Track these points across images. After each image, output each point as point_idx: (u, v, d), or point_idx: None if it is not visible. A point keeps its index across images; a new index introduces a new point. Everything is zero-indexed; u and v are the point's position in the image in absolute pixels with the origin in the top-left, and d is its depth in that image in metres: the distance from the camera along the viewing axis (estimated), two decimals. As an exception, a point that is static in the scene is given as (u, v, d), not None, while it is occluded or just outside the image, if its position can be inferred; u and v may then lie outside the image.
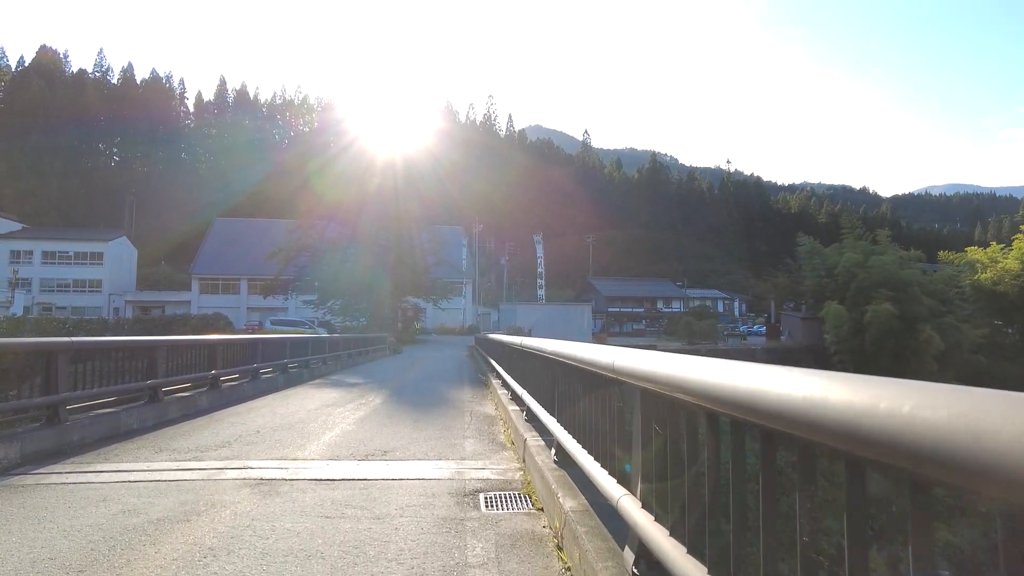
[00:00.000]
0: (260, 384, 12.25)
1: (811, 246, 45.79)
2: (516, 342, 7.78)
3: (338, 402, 10.34)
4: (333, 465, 5.51)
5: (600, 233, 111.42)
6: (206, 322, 40.66)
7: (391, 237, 49.59)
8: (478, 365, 20.59)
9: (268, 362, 13.37)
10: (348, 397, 11.08)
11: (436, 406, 9.86)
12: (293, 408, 9.56)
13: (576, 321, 45.83)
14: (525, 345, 6.57)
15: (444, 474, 5.20)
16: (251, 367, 12.12)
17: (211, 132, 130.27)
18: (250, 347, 12.39)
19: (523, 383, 7.17)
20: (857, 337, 39.90)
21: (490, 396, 11.17)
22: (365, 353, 25.62)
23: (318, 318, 50.57)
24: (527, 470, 5.13)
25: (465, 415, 8.79)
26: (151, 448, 6.26)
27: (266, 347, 13.38)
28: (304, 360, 16.22)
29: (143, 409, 7.85)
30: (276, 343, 14.25)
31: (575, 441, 3.86)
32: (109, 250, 76.82)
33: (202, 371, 10.02)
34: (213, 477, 5.00)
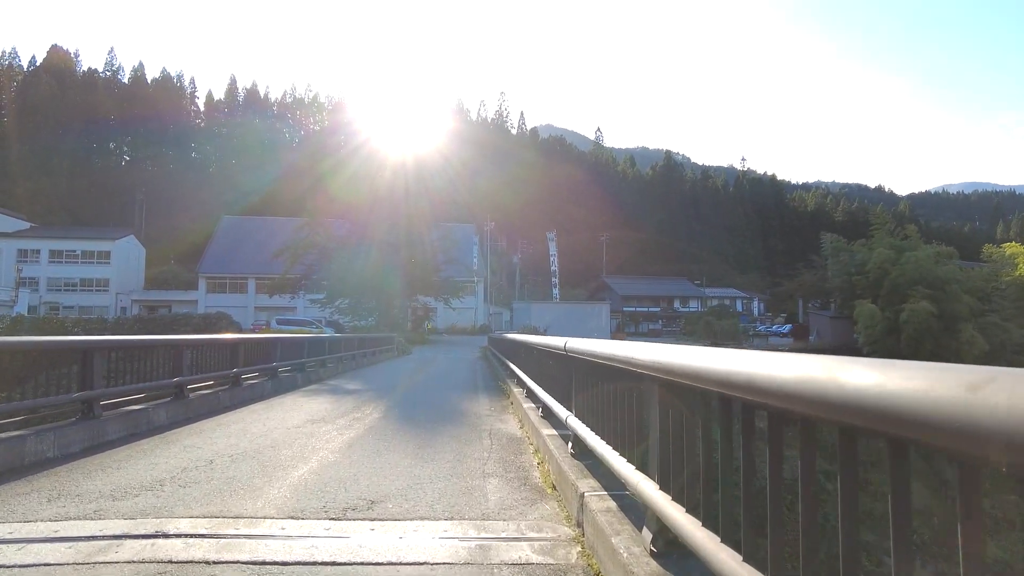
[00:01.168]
0: (241, 393, 10.46)
1: (836, 243, 43.67)
2: (553, 344, 5.94)
3: (327, 416, 8.52)
4: (293, 528, 3.68)
5: (613, 232, 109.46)
6: (208, 322, 39.20)
7: (401, 235, 48.26)
8: (493, 368, 18.75)
9: (253, 366, 11.59)
10: (341, 409, 9.25)
11: (446, 423, 8.00)
12: (271, 424, 7.76)
13: (593, 320, 43.79)
14: (571, 349, 4.72)
15: (458, 551, 3.34)
16: (229, 373, 10.34)
17: (221, 131, 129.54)
18: (230, 350, 10.60)
19: (563, 399, 5.34)
20: (891, 337, 37.72)
21: (511, 408, 9.33)
22: (371, 354, 23.85)
23: (325, 317, 49.04)
24: (588, 548, 3.28)
25: (483, 437, 6.93)
26: (48, 492, 4.47)
27: (251, 349, 11.60)
28: (299, 363, 14.45)
29: (71, 430, 6.05)
30: (263, 345, 12.46)
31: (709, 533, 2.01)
32: (116, 249, 75.85)
33: (163, 378, 8.24)
34: (94, 557, 3.17)
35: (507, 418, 8.46)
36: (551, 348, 5.97)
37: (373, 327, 44.78)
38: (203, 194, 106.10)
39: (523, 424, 7.50)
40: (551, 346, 6.01)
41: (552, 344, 5.98)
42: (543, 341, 7.03)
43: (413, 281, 48.69)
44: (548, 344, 6.33)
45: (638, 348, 2.87)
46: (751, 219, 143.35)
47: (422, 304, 52.99)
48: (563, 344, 5.06)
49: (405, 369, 20.12)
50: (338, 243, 49.11)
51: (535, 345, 7.85)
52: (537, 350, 7.40)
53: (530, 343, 8.50)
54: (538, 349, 7.34)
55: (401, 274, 47.05)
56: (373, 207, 47.97)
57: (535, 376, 8.12)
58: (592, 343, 4.04)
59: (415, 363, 23.63)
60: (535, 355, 8.05)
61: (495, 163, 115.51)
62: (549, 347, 6.17)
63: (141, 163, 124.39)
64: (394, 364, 23.13)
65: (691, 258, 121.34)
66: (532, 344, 8.26)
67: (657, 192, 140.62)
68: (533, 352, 8.33)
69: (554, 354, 5.92)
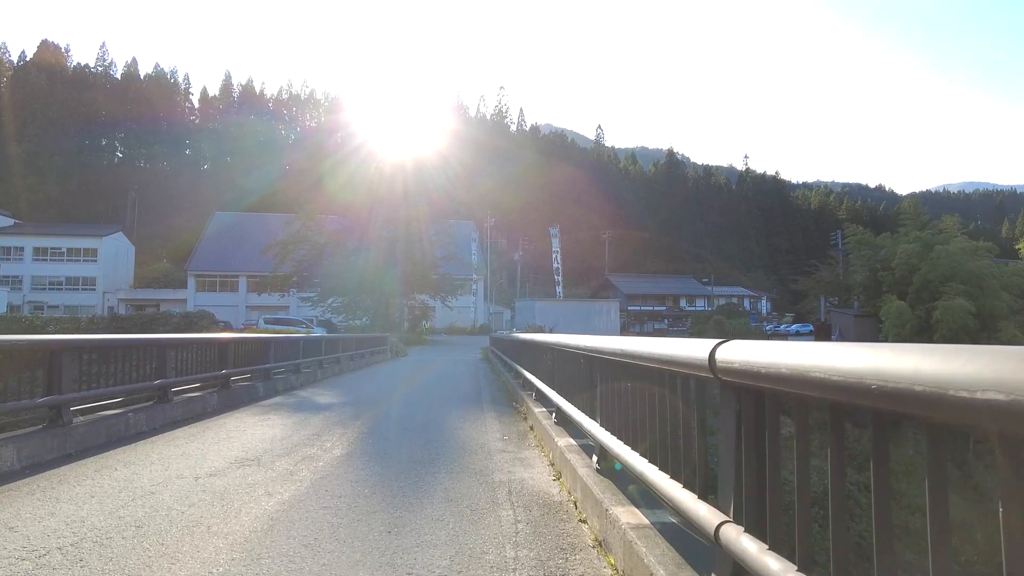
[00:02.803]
0: (168, 412, 7.82)
1: (861, 236, 40.98)
2: (618, 348, 3.33)
3: (268, 453, 5.88)
4: None
5: (615, 230, 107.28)
6: (189, 321, 36.49)
7: (399, 230, 45.95)
8: (498, 374, 16.14)
9: (193, 376, 8.96)
10: (294, 440, 6.60)
11: (440, 467, 5.35)
12: (177, 468, 5.14)
13: (600, 319, 41.08)
14: (661, 354, 2.13)
15: None
16: (151, 385, 7.72)
17: (216, 129, 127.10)
18: (155, 355, 7.98)
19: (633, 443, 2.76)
20: (923, 337, 34.99)
21: (533, 437, 6.71)
22: (360, 357, 21.23)
23: (317, 317, 46.49)
24: None
25: (499, 501, 4.22)
26: None
27: (191, 354, 8.95)
28: (262, 370, 11.83)
29: None
30: (211, 347, 9.80)
31: None
32: (104, 246, 73.40)
33: (36, 396, 5.65)
34: None
35: (530, 456, 5.81)
36: (624, 355, 3.35)
37: (367, 327, 42.37)
38: (197, 192, 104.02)
39: (560, 473, 4.88)
40: (619, 351, 3.40)
41: (619, 348, 3.39)
42: (596, 344, 4.46)
43: (410, 279, 46.43)
44: (608, 348, 3.72)
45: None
46: (755, 217, 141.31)
47: (420, 303, 50.46)
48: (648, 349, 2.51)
49: (397, 375, 17.51)
50: (331, 239, 46.80)
51: (572, 349, 5.24)
52: (586, 357, 4.76)
53: (560, 345, 5.88)
54: (587, 355, 4.72)
55: (398, 271, 44.73)
56: (370, 204, 46.31)
57: (566, 391, 5.54)
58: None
59: (409, 367, 21.00)
60: (568, 362, 5.48)
61: (494, 161, 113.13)
62: (616, 353, 3.56)
63: (134, 160, 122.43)
64: (385, 369, 20.49)
65: (694, 257, 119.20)
66: (564, 347, 5.65)
67: (659, 190, 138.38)
68: (564, 357, 5.76)
69: (622, 364, 3.34)
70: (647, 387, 2.97)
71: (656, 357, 2.69)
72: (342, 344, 18.75)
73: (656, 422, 2.84)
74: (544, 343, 7.22)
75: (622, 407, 3.50)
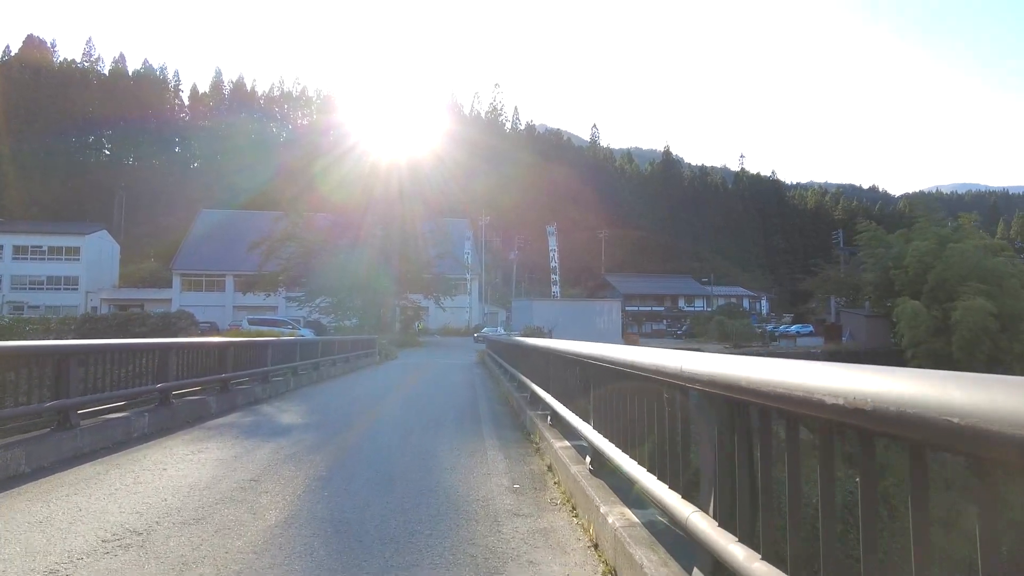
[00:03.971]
0: (73, 440, 5.89)
1: (873, 232, 39.31)
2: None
3: (168, 519, 3.95)
4: None
5: (611, 230, 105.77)
6: (167, 322, 34.46)
7: (392, 227, 44.17)
8: (497, 382, 14.28)
9: (110, 392, 7.04)
10: (217, 491, 4.66)
11: (422, 549, 3.46)
12: (7, 556, 3.27)
13: (602, 319, 39.13)
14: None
15: None
16: (40, 409, 5.81)
17: (207, 126, 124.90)
18: (54, 365, 6.07)
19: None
20: (939, 338, 33.42)
21: (555, 485, 4.78)
22: (344, 362, 19.34)
23: (304, 317, 44.54)
24: None
25: None
26: None
27: (105, 365, 7.03)
28: (219, 380, 9.93)
29: None
30: (142, 353, 7.88)
31: None
32: (87, 245, 71.27)
33: None
34: None
35: (556, 523, 3.91)
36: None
37: (357, 328, 40.50)
38: (187, 191, 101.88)
39: (616, 572, 3.01)
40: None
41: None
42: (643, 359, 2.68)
43: (403, 277, 44.60)
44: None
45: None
46: (751, 217, 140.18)
47: (412, 303, 48.60)
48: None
49: (382, 384, 15.60)
50: (321, 236, 44.93)
51: (625, 366, 3.39)
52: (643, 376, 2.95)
53: (607, 361, 3.99)
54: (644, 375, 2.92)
55: (390, 270, 42.93)
56: (362, 201, 44.86)
57: (615, 431, 3.71)
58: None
59: (397, 374, 19.09)
60: (637, 393, 3.65)
61: (489, 159, 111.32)
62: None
63: (122, 159, 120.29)
64: (371, 375, 18.57)
65: (692, 256, 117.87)
66: (614, 363, 3.78)
67: (656, 189, 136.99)
68: (605, 375, 3.93)
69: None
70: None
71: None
72: (322, 348, 16.83)
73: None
74: (567, 354, 5.35)
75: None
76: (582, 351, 4.59)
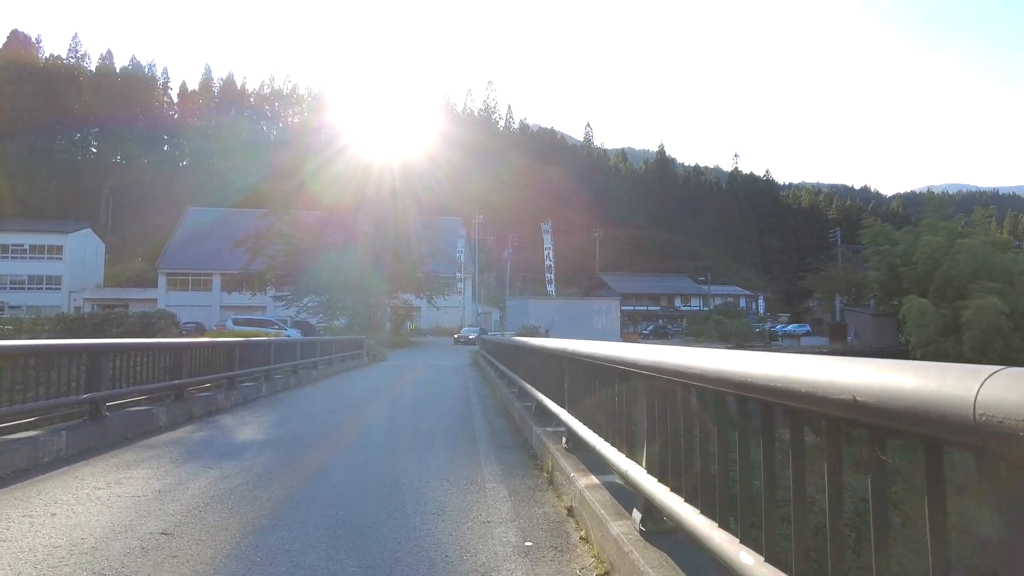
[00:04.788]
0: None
1: (879, 228, 38.17)
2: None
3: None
4: None
5: (605, 229, 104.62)
6: (146, 322, 32.90)
7: (385, 225, 42.82)
8: (494, 390, 12.94)
9: (23, 405, 5.69)
10: (104, 556, 3.35)
11: None
12: None
13: (601, 319, 37.78)
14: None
15: None
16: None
17: (196, 124, 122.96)
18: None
19: None
20: (948, 338, 32.25)
21: (581, 540, 3.46)
22: (328, 364, 17.97)
23: (291, 317, 43.07)
24: None
25: None
26: None
27: (15, 370, 5.66)
28: (173, 387, 8.56)
29: None
30: (58, 358, 6.49)
31: None
32: (70, 243, 69.44)
33: None
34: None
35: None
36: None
37: (346, 328, 39.11)
38: (176, 190, 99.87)
39: None
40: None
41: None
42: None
43: (395, 276, 43.16)
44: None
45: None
46: (746, 217, 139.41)
47: (404, 303, 47.19)
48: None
49: (366, 389, 14.23)
50: (309, 234, 43.45)
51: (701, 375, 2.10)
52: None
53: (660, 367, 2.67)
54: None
55: (381, 268, 41.53)
56: (353, 198, 43.48)
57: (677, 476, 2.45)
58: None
59: (386, 377, 17.73)
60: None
61: (482, 157, 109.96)
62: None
63: (109, 157, 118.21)
64: (355, 379, 17.19)
65: (687, 255, 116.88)
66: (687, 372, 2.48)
67: (650, 188, 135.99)
68: (665, 391, 2.65)
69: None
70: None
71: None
72: (302, 349, 15.45)
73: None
74: (595, 360, 4.00)
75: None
76: (621, 356, 3.26)
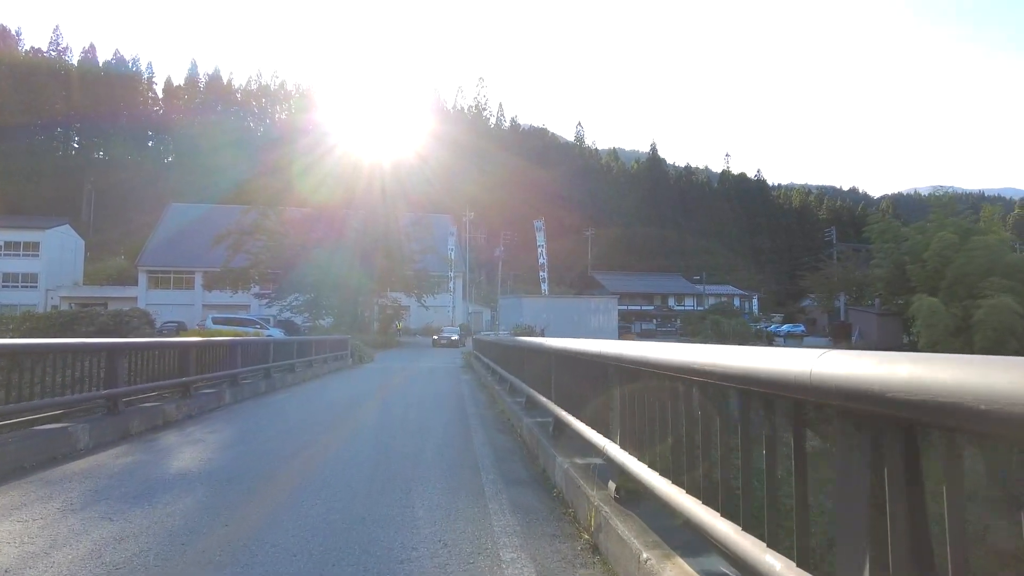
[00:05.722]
0: None
1: (886, 225, 36.98)
2: None
3: None
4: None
5: (597, 228, 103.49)
6: (119, 320, 31.03)
7: (376, 222, 41.24)
8: (493, 398, 11.36)
9: None
10: None
11: None
12: None
13: (598, 318, 36.27)
14: None
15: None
16: None
17: (181, 120, 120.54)
18: None
19: None
20: (958, 338, 31.11)
21: None
22: (307, 367, 16.33)
23: (274, 316, 41.32)
24: None
25: None
26: None
27: None
28: (105, 398, 6.96)
29: None
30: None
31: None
32: (47, 240, 67.24)
33: None
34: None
35: None
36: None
37: (332, 328, 37.43)
38: (161, 187, 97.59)
39: None
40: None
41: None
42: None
43: (383, 274, 41.46)
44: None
45: None
46: (738, 216, 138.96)
47: (393, 301, 45.53)
48: None
49: (346, 396, 12.61)
50: (293, 229, 41.71)
51: None
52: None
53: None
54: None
55: (369, 265, 39.88)
56: (343, 197, 42.09)
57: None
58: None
59: (369, 382, 16.11)
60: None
61: (473, 155, 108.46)
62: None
63: (91, 152, 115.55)
64: (336, 384, 15.55)
65: (679, 253, 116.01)
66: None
67: (643, 188, 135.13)
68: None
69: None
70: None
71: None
72: (276, 350, 13.80)
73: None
74: (660, 367, 2.45)
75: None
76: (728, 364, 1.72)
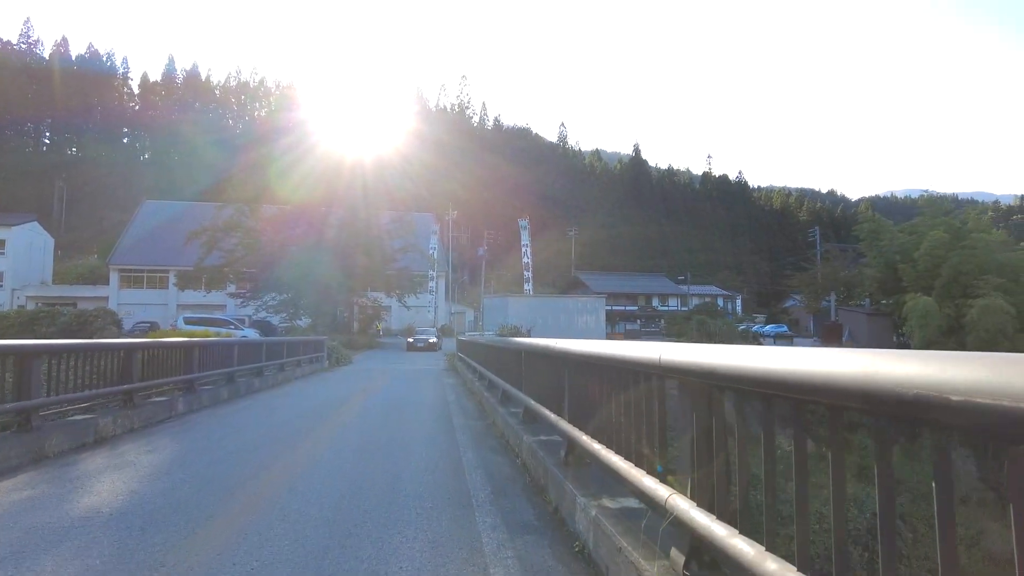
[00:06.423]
0: None
1: (877, 224, 36.40)
2: None
3: None
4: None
5: (580, 228, 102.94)
6: (82, 321, 29.42)
7: (356, 219, 39.96)
8: (482, 408, 10.24)
9: None
10: None
11: None
12: None
13: (583, 318, 35.30)
14: None
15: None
16: None
17: (158, 117, 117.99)
18: None
19: None
20: (951, 338, 30.58)
21: None
22: (279, 370, 15.08)
23: (249, 316, 39.88)
24: None
25: None
26: None
27: None
28: (16, 411, 5.73)
29: None
30: None
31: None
32: (14, 237, 64.75)
33: None
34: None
35: None
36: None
37: (310, 328, 36.11)
38: (136, 185, 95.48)
39: None
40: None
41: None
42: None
43: (363, 273, 40.19)
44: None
45: None
46: (720, 217, 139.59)
47: (373, 301, 44.26)
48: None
49: (318, 403, 11.39)
50: (270, 226, 40.28)
51: None
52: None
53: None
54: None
55: (348, 264, 38.59)
56: (323, 194, 40.65)
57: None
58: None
59: (345, 387, 14.88)
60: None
61: (455, 154, 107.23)
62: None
63: (63, 149, 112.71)
64: (309, 389, 14.30)
65: (661, 254, 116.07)
66: None
67: (626, 188, 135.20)
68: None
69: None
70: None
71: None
72: (242, 353, 12.53)
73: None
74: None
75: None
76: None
